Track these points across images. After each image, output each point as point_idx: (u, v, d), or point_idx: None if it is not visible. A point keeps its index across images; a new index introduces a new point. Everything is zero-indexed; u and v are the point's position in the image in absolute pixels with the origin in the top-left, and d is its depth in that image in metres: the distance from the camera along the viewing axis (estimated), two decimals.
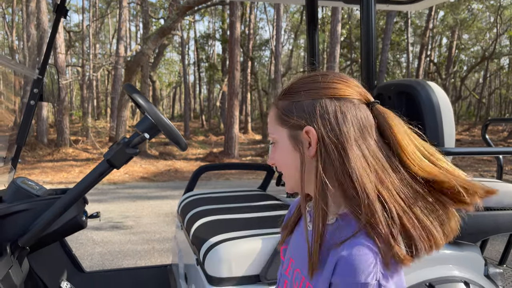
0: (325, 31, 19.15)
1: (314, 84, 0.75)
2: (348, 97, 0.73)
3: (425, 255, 0.67)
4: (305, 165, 0.74)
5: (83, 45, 23.73)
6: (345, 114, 0.72)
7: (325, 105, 0.73)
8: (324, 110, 0.72)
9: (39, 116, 13.91)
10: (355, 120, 0.72)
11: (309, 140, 0.73)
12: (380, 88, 1.86)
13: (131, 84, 1.48)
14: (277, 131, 0.79)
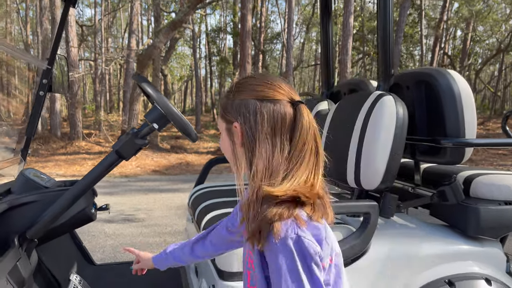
0: (337, 24, 18.93)
1: (244, 86, 0.89)
2: (269, 98, 0.86)
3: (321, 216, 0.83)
4: (236, 153, 0.90)
5: (95, 39, 23.86)
6: (263, 113, 0.85)
7: (248, 104, 0.87)
8: (247, 109, 0.87)
9: (53, 110, 14.05)
10: (271, 119, 0.85)
11: (237, 133, 0.88)
12: (398, 77, 1.79)
13: (140, 73, 1.44)
14: (220, 124, 0.95)
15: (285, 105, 0.86)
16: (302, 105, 0.86)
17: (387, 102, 1.49)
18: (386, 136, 1.48)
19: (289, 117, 0.85)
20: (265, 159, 0.84)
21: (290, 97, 0.87)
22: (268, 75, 0.92)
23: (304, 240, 0.78)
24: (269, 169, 0.84)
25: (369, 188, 1.55)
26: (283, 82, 0.89)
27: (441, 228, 1.67)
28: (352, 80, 2.32)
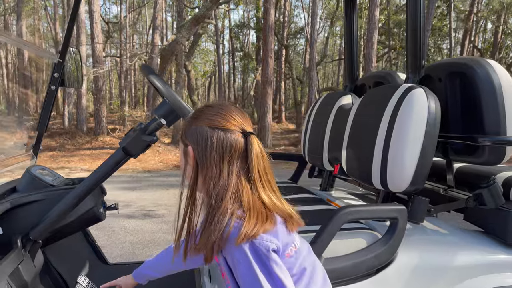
0: (362, 17, 18.51)
1: (201, 114, 0.98)
2: (220, 127, 0.94)
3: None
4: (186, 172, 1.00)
5: (120, 35, 24.15)
6: (213, 139, 0.94)
7: (201, 131, 0.95)
8: (199, 135, 0.95)
9: (79, 105, 14.29)
10: (220, 146, 0.94)
11: (190, 156, 0.97)
12: (429, 69, 1.63)
13: (148, 65, 1.34)
14: (180, 144, 1.04)
15: (236, 135, 0.94)
16: (252, 136, 0.96)
17: (418, 96, 1.35)
18: (416, 133, 1.33)
19: (239, 146, 0.94)
20: (209, 183, 0.94)
21: (242, 128, 0.96)
22: (225, 106, 0.99)
23: (255, 241, 0.87)
24: (214, 190, 0.93)
25: (396, 191, 1.41)
26: (238, 114, 0.97)
27: (476, 235, 1.52)
28: (378, 73, 2.17)
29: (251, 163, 0.93)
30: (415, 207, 1.40)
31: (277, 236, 0.91)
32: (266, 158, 0.97)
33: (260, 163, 0.95)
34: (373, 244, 1.31)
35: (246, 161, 0.94)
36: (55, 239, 1.55)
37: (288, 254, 0.94)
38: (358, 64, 2.28)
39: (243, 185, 0.93)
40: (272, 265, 0.87)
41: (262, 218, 0.90)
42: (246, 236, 0.86)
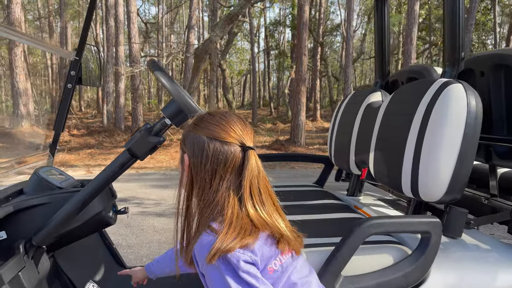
0: (401, 12, 17.90)
1: (201, 122, 0.95)
2: (219, 138, 0.91)
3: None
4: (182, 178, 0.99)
5: (158, 35, 24.60)
6: (208, 151, 0.91)
7: (198, 140, 0.93)
8: (196, 145, 0.93)
9: (117, 104, 14.63)
10: (215, 158, 0.91)
11: (185, 163, 0.95)
12: (470, 62, 1.45)
13: (155, 60, 1.25)
14: (179, 150, 1.01)
15: (234, 148, 0.91)
16: (251, 151, 0.92)
17: (455, 92, 1.18)
18: (453, 134, 1.16)
19: (235, 160, 0.91)
20: (200, 193, 0.92)
21: (241, 141, 0.92)
22: (227, 116, 0.96)
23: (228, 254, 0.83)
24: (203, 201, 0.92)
25: (429, 200, 1.25)
26: (239, 125, 0.94)
27: None
28: (412, 67, 1.99)
29: (243, 179, 0.90)
30: (452, 220, 1.23)
31: (253, 250, 0.87)
32: (263, 175, 0.94)
33: (254, 180, 0.91)
34: (401, 261, 1.15)
35: (240, 176, 0.91)
36: (62, 244, 1.49)
37: (272, 268, 0.90)
38: (390, 58, 2.10)
39: (230, 199, 0.90)
40: (244, 276, 0.83)
41: (244, 234, 0.87)
42: (218, 252, 0.83)
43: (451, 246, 1.33)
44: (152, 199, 5.94)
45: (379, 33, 2.05)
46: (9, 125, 12.95)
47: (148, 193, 6.42)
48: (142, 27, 25.67)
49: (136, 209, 5.34)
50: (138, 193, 6.37)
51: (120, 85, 14.10)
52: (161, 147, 9.82)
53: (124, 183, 7.26)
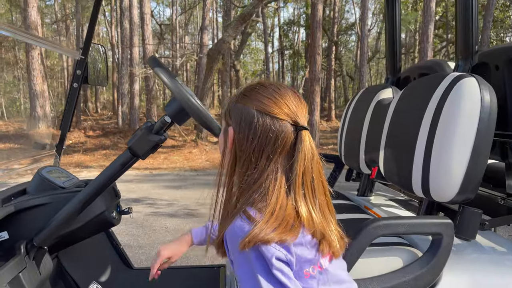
0: (417, 10, 17.64)
1: (251, 93, 0.84)
2: (270, 113, 0.81)
3: None
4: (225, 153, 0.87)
5: (172, 36, 24.76)
6: (257, 126, 0.81)
7: (247, 113, 0.82)
8: (244, 118, 0.82)
9: (132, 105, 14.76)
10: (264, 134, 0.80)
11: (230, 138, 0.85)
12: (485, 55, 1.38)
13: (155, 57, 1.22)
14: (223, 118, 0.90)
15: (286, 126, 0.81)
16: (305, 131, 0.82)
17: (468, 86, 1.12)
18: (466, 131, 1.10)
19: (286, 139, 0.81)
20: (243, 172, 0.82)
21: (295, 119, 0.82)
22: (282, 88, 0.85)
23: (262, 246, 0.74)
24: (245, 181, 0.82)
25: (441, 200, 1.19)
26: (294, 101, 0.83)
27: None
28: (424, 63, 1.92)
29: (296, 163, 0.79)
30: (465, 221, 1.16)
31: (289, 249, 0.76)
32: (317, 159, 0.83)
33: (308, 164, 0.80)
34: (411, 264, 1.10)
35: (291, 159, 0.80)
36: (65, 244, 1.47)
37: (308, 273, 0.80)
38: (401, 54, 2.03)
39: (277, 184, 0.79)
40: (277, 274, 0.74)
41: (285, 227, 0.76)
42: (254, 240, 0.73)
43: (465, 248, 1.27)
44: (165, 200, 5.95)
45: (390, 28, 1.98)
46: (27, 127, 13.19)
47: (161, 193, 6.44)
48: (156, 29, 25.88)
49: (148, 209, 5.36)
50: (151, 194, 6.39)
51: (134, 86, 14.22)
52: (175, 148, 9.82)
53: (137, 184, 7.31)
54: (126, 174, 5.59)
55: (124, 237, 4.09)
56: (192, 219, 4.90)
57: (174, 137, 13.67)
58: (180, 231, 4.37)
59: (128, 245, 3.87)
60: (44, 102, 10.12)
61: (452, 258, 1.12)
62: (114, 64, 22.22)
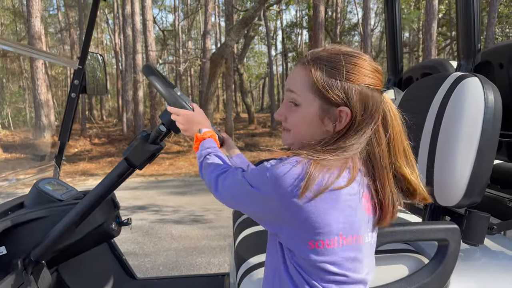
0: (420, 8, 17.56)
1: (355, 68, 0.80)
2: (376, 87, 0.82)
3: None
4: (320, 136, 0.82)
5: (175, 42, 24.84)
6: (374, 104, 0.81)
7: (362, 93, 0.80)
8: (361, 98, 0.80)
9: (137, 112, 14.80)
10: (380, 110, 0.82)
11: (338, 118, 0.80)
12: (488, 53, 1.34)
13: (150, 64, 1.19)
14: (305, 96, 0.82)
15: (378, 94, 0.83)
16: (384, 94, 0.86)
17: (471, 86, 1.08)
18: (470, 132, 1.07)
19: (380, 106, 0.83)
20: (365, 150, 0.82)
21: (381, 84, 0.85)
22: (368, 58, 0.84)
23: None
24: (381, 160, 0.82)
25: (446, 204, 1.15)
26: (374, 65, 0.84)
27: None
28: (427, 62, 1.88)
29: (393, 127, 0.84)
30: (471, 225, 1.12)
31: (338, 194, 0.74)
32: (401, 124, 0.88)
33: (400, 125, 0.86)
34: (417, 272, 1.06)
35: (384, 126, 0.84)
36: (64, 258, 1.45)
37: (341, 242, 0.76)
38: (402, 54, 2.00)
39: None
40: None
41: None
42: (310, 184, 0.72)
43: (473, 253, 1.22)
44: (170, 206, 5.93)
45: (390, 28, 1.95)
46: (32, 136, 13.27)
47: (166, 200, 6.42)
48: (159, 35, 25.98)
49: (154, 216, 5.34)
50: (156, 201, 6.38)
51: (138, 93, 14.27)
52: (180, 153, 9.78)
53: (143, 191, 7.31)
54: (132, 181, 5.65)
55: (130, 245, 4.07)
56: (198, 225, 4.87)
57: (179, 143, 13.69)
58: (186, 238, 4.34)
59: (133, 253, 3.85)
60: (49, 111, 10.17)
61: (459, 264, 1.08)
62: (118, 71, 22.33)
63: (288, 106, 0.86)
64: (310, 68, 0.81)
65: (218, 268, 3.48)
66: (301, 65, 0.84)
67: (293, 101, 0.84)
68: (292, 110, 0.84)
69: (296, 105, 0.84)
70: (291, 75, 0.86)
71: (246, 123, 20.50)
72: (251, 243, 1.33)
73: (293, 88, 0.84)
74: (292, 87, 0.84)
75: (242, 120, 22.96)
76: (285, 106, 0.87)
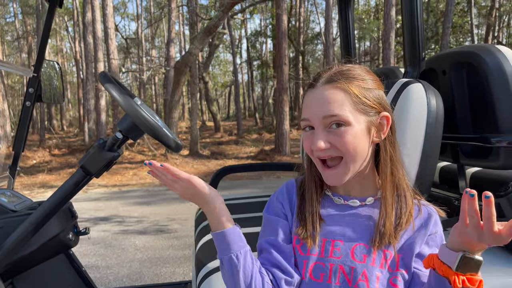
0: (379, 19, 18.19)
1: (373, 76, 0.87)
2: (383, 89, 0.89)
3: None
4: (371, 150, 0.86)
5: (138, 50, 24.51)
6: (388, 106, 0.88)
7: (384, 95, 0.87)
8: (385, 100, 0.87)
9: (99, 121, 14.45)
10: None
11: (383, 125, 0.85)
12: (432, 61, 1.43)
13: (106, 72, 1.19)
14: (352, 115, 0.81)
15: None
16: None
17: (415, 91, 1.15)
18: (415, 135, 1.13)
19: None
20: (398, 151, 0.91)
21: None
22: None
23: None
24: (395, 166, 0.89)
25: None
26: None
27: (496, 253, 1.29)
28: (379, 69, 1.97)
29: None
30: None
31: None
32: None
33: None
34: None
35: None
36: (19, 270, 1.41)
37: None
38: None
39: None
40: None
41: None
42: None
43: None
44: (134, 217, 5.82)
45: (345, 37, 2.03)
46: None
47: (130, 210, 6.29)
48: (122, 43, 25.55)
49: (117, 227, 5.22)
50: (120, 211, 6.24)
51: (100, 102, 13.95)
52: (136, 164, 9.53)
53: (105, 202, 7.12)
54: (94, 192, 5.52)
55: (92, 257, 3.96)
56: (162, 235, 4.80)
57: (143, 152, 13.46)
58: (150, 248, 4.28)
59: (95, 266, 3.75)
60: (5, 121, 9.76)
61: None
62: (79, 80, 21.77)
63: (328, 132, 0.82)
64: (338, 86, 0.82)
65: (183, 278, 3.44)
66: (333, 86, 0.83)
67: (339, 122, 0.81)
68: (341, 132, 0.81)
69: (344, 126, 0.81)
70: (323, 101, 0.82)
71: (212, 131, 20.45)
72: (211, 248, 1.34)
73: (338, 111, 0.81)
74: (336, 111, 0.81)
75: (208, 129, 22.88)
76: (322, 134, 0.82)
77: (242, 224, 1.51)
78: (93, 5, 13.48)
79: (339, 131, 0.80)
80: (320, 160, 0.86)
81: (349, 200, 0.90)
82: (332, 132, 0.81)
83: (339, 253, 0.85)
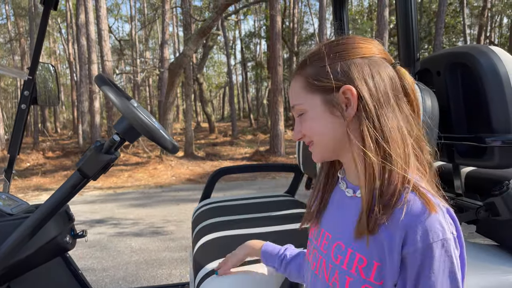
0: (372, 19, 18.28)
1: (341, 47, 0.76)
2: (376, 55, 0.76)
3: None
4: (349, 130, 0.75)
5: (132, 52, 24.45)
6: (380, 74, 0.74)
7: (359, 64, 0.74)
8: (360, 69, 0.73)
9: (93, 123, 14.39)
10: (389, 80, 0.75)
11: (346, 101, 0.74)
12: (426, 61, 1.44)
13: (103, 74, 1.19)
14: (306, 100, 0.79)
15: (387, 65, 0.77)
16: (399, 66, 0.79)
17: None
18: None
19: (397, 79, 0.77)
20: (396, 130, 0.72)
21: (387, 56, 0.79)
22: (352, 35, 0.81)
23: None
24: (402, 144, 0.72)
25: None
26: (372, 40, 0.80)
27: (491, 251, 1.30)
28: None
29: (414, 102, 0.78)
30: None
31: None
32: None
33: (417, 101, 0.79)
34: None
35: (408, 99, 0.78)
36: (16, 273, 1.40)
37: None
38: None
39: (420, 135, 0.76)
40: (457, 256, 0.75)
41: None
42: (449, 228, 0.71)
43: None
44: (129, 219, 5.80)
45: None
46: None
47: (125, 213, 6.28)
48: (116, 45, 25.47)
49: (113, 230, 5.20)
50: (115, 214, 6.22)
51: (94, 104, 13.90)
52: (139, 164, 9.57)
53: (101, 204, 7.10)
54: (89, 195, 5.52)
55: (88, 260, 3.94)
56: (158, 237, 4.80)
57: (138, 154, 13.42)
58: (146, 250, 4.27)
59: (91, 268, 3.73)
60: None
61: None
62: (73, 82, 21.67)
63: (298, 121, 0.82)
64: (298, 73, 0.80)
65: (180, 279, 3.44)
66: (294, 77, 0.82)
67: (299, 112, 0.81)
68: (303, 120, 0.80)
69: (304, 114, 0.80)
70: (289, 94, 0.83)
71: (207, 132, 20.42)
72: (208, 249, 1.35)
73: (295, 101, 0.81)
74: (293, 101, 0.82)
75: (203, 130, 22.86)
76: (296, 124, 0.83)
77: (239, 225, 1.51)
78: (86, 7, 13.43)
79: (302, 119, 0.81)
80: None
81: (348, 187, 0.83)
82: (300, 120, 0.82)
83: (326, 248, 0.84)
